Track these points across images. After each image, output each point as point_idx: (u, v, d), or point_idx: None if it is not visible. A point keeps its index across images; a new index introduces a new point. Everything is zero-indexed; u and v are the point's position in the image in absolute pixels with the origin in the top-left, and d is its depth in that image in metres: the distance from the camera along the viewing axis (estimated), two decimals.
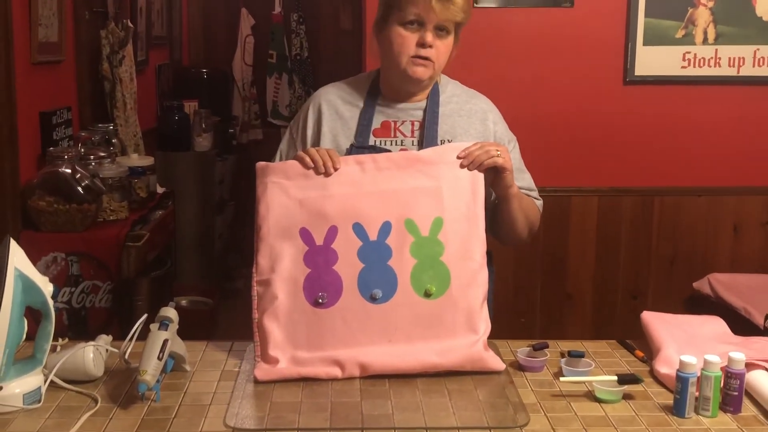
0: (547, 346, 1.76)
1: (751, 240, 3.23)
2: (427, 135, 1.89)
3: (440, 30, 1.83)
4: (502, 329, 1.88)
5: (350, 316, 1.67)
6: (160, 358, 1.54)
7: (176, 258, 3.95)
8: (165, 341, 1.57)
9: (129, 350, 1.69)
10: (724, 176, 3.18)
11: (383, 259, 1.70)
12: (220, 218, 4.88)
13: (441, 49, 1.85)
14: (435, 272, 1.70)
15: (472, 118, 1.94)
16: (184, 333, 1.71)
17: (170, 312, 1.65)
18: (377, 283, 1.68)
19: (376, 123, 1.91)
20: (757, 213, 3.21)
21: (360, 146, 1.88)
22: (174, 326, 1.64)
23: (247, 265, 5.32)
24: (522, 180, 1.99)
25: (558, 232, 3.16)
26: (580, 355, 1.72)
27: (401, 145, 1.90)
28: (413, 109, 1.92)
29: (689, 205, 3.18)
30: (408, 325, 1.69)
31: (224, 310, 4.49)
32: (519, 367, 1.75)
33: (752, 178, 3.18)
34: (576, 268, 3.20)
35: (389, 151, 1.87)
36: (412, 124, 1.91)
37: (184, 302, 4.47)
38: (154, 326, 1.61)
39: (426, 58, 1.83)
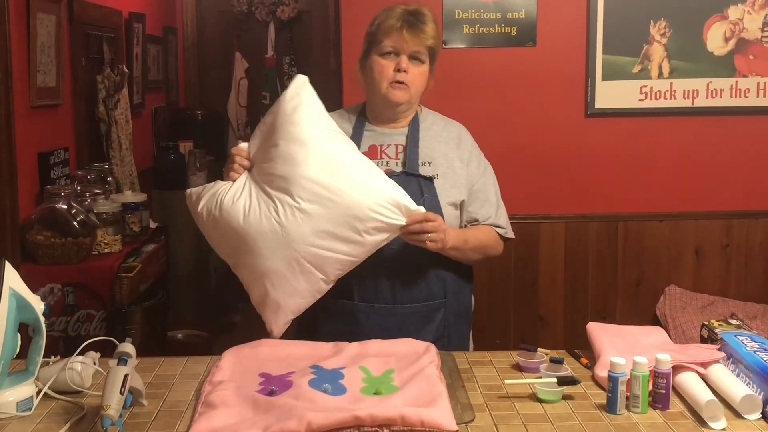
0: (536, 350, 1.95)
1: (712, 262, 3.39)
2: (409, 157, 2.12)
3: (414, 59, 2.07)
4: (478, 350, 2.08)
5: (302, 397, 1.66)
6: (121, 393, 1.56)
7: (171, 292, 4.11)
8: (126, 376, 1.60)
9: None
10: (683, 202, 3.34)
11: (336, 378, 1.77)
12: (215, 254, 5.01)
13: (416, 75, 2.08)
14: (385, 388, 1.74)
15: (449, 143, 2.17)
16: None
17: (128, 347, 1.71)
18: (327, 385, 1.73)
19: (365, 146, 2.13)
20: (717, 236, 3.37)
21: None
22: (133, 361, 1.68)
23: (243, 299, 5.48)
24: (488, 212, 2.16)
25: (528, 257, 3.33)
26: (560, 362, 1.86)
27: (387, 165, 2.12)
28: (397, 135, 2.15)
29: (651, 229, 3.35)
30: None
31: (220, 344, 4.63)
32: (519, 368, 1.92)
33: (711, 203, 3.35)
34: (546, 292, 3.36)
35: None
36: (396, 148, 2.14)
37: (179, 335, 4.63)
38: (113, 362, 1.65)
39: (402, 82, 2.06)
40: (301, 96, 2.00)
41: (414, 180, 2.07)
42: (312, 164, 1.91)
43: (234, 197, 1.96)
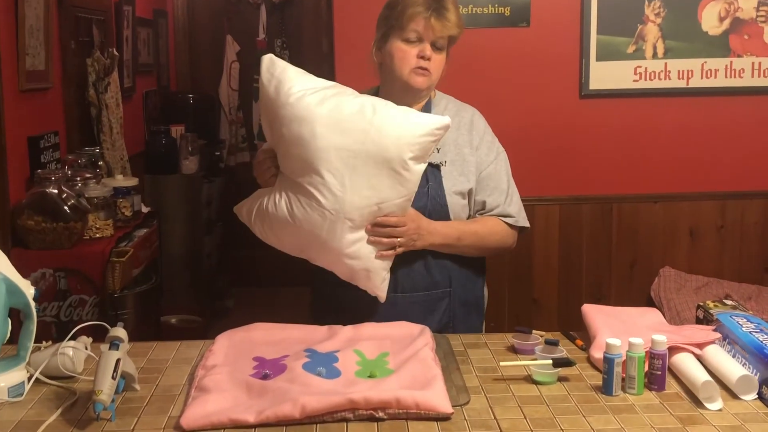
0: (531, 332, 1.94)
1: (707, 243, 3.38)
2: None
3: (436, 46, 2.04)
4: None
5: (296, 380, 1.64)
6: (114, 378, 1.55)
7: (164, 277, 4.09)
8: (118, 361, 1.59)
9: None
10: (678, 183, 3.33)
11: (330, 361, 1.75)
12: (208, 238, 5.02)
13: (437, 62, 2.06)
14: (380, 371, 1.72)
15: (461, 129, 2.13)
16: None
17: (120, 332, 1.68)
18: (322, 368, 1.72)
19: None
20: (711, 217, 3.36)
21: None
22: (125, 346, 1.66)
23: (237, 284, 5.49)
24: (497, 200, 2.13)
25: (523, 239, 3.31)
26: (555, 343, 1.85)
27: None
28: None
29: (646, 211, 3.34)
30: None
31: (214, 328, 4.63)
32: (514, 350, 1.92)
33: (706, 184, 3.34)
34: (541, 274, 3.35)
35: None
36: None
37: (173, 320, 4.61)
38: (105, 347, 1.63)
39: (425, 69, 2.03)
40: (274, 75, 1.96)
41: None
42: (320, 134, 1.87)
43: (275, 202, 1.96)
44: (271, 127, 1.98)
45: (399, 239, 1.96)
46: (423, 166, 1.93)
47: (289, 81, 1.94)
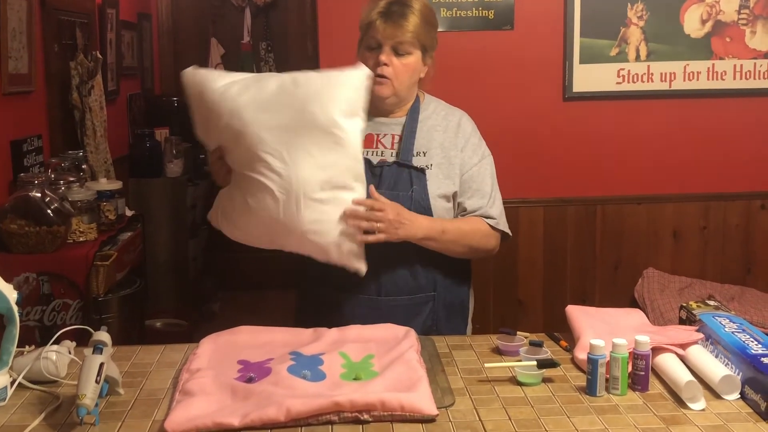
0: (515, 333, 1.94)
1: (690, 244, 3.40)
2: (404, 148, 2.07)
3: (397, 51, 2.02)
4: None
5: (281, 384, 1.64)
6: (97, 382, 1.55)
7: (149, 280, 4.08)
8: (101, 365, 1.58)
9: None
10: (661, 184, 3.35)
11: (315, 364, 1.75)
12: (193, 242, 5.00)
13: (399, 67, 2.03)
14: (365, 373, 1.72)
15: (448, 132, 2.13)
16: None
17: (104, 336, 1.68)
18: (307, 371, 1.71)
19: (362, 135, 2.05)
20: (694, 219, 3.38)
21: None
22: (108, 350, 1.65)
23: (223, 288, 5.44)
24: (478, 202, 2.13)
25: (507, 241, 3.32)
26: (539, 345, 1.85)
27: (381, 155, 2.09)
28: (394, 125, 2.11)
29: (630, 212, 3.36)
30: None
31: (199, 332, 4.60)
32: (498, 352, 1.92)
33: (688, 185, 3.36)
34: (525, 276, 3.36)
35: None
36: (392, 138, 2.10)
37: (158, 324, 4.60)
38: (88, 350, 1.62)
39: (383, 76, 2.02)
40: (196, 82, 1.95)
41: (405, 171, 2.04)
42: (248, 120, 1.86)
43: (231, 198, 1.97)
44: (207, 131, 1.98)
45: (379, 224, 1.94)
46: (358, 122, 1.90)
47: (210, 82, 1.94)
